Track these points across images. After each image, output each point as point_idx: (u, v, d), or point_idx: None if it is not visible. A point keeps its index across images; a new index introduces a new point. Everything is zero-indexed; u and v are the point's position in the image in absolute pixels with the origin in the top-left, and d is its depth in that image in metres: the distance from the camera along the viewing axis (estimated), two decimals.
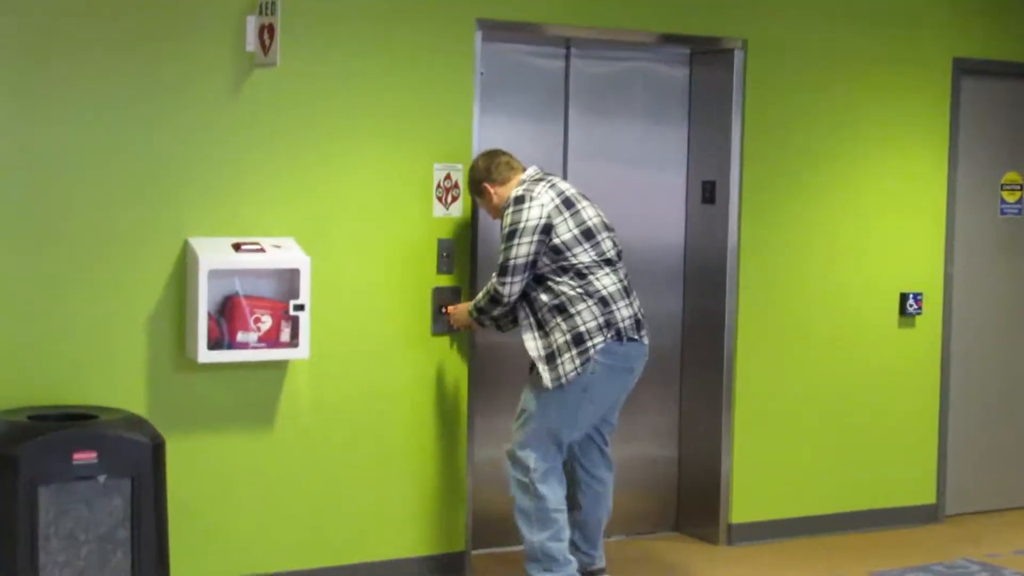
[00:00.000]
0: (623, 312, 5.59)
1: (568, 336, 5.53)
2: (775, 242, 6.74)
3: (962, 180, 7.25)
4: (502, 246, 5.55)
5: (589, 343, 5.52)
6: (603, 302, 5.56)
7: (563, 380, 5.52)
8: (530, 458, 5.61)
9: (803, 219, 6.80)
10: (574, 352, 5.52)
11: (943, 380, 7.24)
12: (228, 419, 5.60)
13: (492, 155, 5.79)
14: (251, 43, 5.55)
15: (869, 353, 7.01)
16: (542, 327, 5.58)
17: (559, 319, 5.55)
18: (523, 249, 5.51)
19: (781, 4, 6.69)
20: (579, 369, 5.51)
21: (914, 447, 7.19)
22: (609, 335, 5.55)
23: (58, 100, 5.26)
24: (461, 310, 5.87)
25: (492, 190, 5.74)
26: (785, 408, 6.83)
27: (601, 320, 5.54)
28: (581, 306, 5.53)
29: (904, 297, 7.04)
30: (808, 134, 6.78)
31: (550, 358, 5.55)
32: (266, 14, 5.48)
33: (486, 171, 5.75)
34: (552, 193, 5.60)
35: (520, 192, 5.60)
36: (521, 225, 5.53)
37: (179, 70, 5.45)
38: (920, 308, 7.07)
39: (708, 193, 6.74)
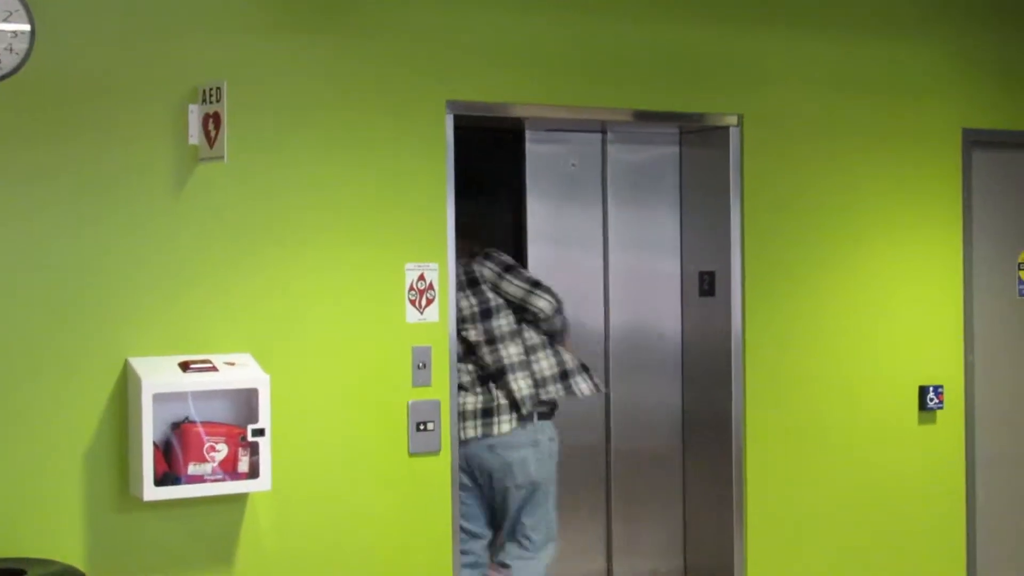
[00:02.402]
0: None
1: None
2: (782, 335, 6.12)
3: (978, 260, 6.68)
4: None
5: None
6: None
7: None
8: None
9: (811, 309, 6.19)
10: None
11: (968, 481, 6.61)
12: (180, 564, 4.89)
13: None
14: (194, 135, 4.91)
15: (889, 452, 6.39)
16: None
17: None
18: None
19: (779, 75, 6.12)
20: None
21: (940, 555, 6.54)
22: None
23: None
24: None
25: None
26: (801, 515, 6.19)
27: None
28: None
29: (923, 391, 6.43)
30: (813, 216, 6.19)
31: None
32: (210, 102, 4.85)
33: None
34: None
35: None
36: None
37: (114, 166, 4.81)
38: (941, 402, 6.46)
39: (707, 285, 6.12)
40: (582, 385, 5.75)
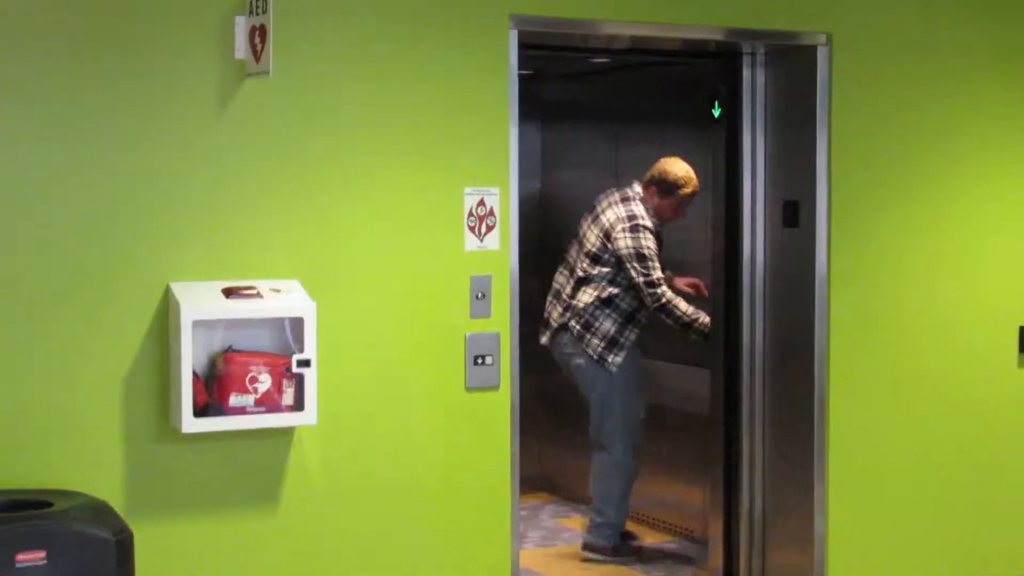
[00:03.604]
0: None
1: None
2: (871, 270, 5.74)
3: None
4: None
5: None
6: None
7: None
8: None
9: (903, 242, 5.80)
10: None
11: None
12: (223, 498, 4.69)
13: None
14: (240, 49, 4.65)
15: (985, 397, 5.99)
16: None
17: None
18: None
19: None
20: None
21: None
22: None
23: (8, 117, 4.40)
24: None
25: None
26: (888, 462, 5.82)
27: None
28: None
29: None
30: (908, 143, 5.78)
31: None
32: (256, 13, 4.59)
33: None
34: None
35: None
36: None
37: (157, 82, 4.57)
38: None
39: (791, 215, 5.76)
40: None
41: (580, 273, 6.96)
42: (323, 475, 4.81)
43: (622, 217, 6.90)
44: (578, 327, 6.98)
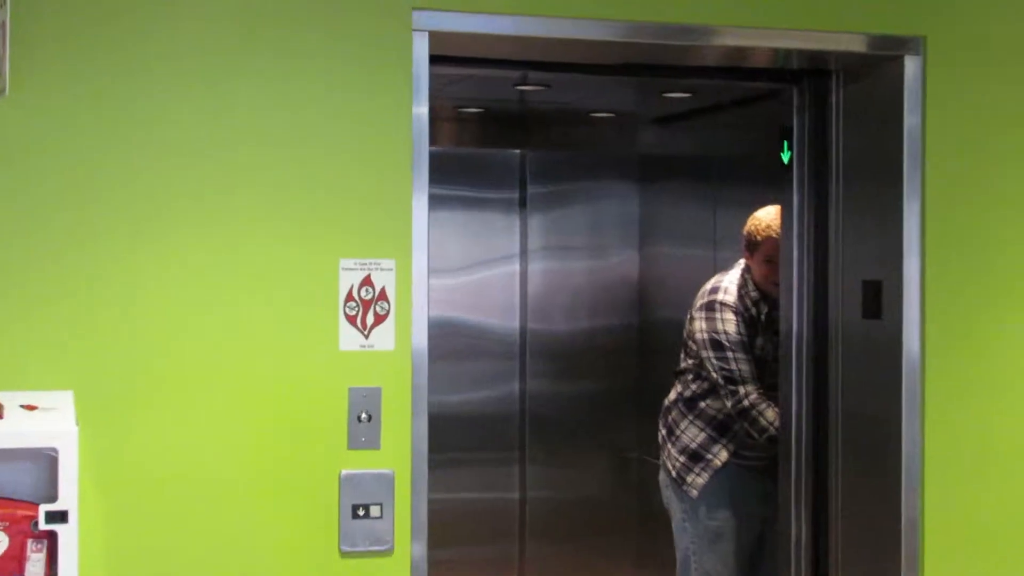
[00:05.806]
0: None
1: None
2: (981, 378, 3.93)
3: None
4: None
5: None
6: None
7: None
8: None
9: None
10: None
11: None
12: None
13: None
14: None
15: None
16: None
17: None
18: None
19: None
20: None
21: None
22: None
23: None
24: None
25: None
26: None
27: None
28: None
29: None
30: None
31: None
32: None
33: None
34: None
35: None
36: None
37: None
38: None
39: (871, 300, 4.01)
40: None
41: (679, 365, 5.42)
42: None
43: (703, 292, 5.28)
44: (662, 432, 5.41)
